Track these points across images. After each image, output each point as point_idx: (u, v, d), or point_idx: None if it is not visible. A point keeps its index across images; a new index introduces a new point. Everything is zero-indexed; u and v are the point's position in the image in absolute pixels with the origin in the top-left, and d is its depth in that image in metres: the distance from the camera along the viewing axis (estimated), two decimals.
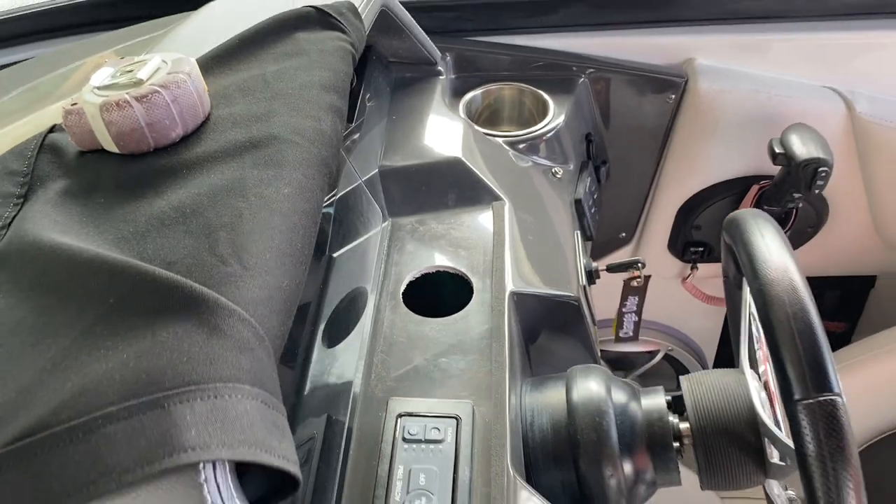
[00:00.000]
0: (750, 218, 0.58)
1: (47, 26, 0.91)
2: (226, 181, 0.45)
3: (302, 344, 0.58)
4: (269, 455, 0.33)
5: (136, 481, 0.30)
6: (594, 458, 0.59)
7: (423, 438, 0.53)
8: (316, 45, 0.60)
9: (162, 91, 0.48)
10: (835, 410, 0.47)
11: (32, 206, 0.47)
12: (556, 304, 0.71)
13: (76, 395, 0.32)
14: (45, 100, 0.76)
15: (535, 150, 0.88)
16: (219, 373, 0.34)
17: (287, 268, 0.43)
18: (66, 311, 0.38)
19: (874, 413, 1.00)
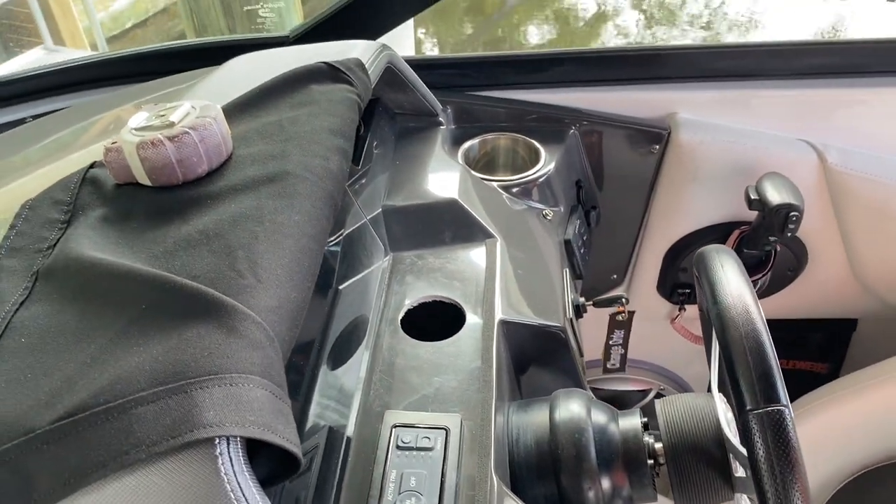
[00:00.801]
0: (713, 252, 0.65)
1: (82, 79, 1.00)
2: (245, 209, 0.52)
3: (308, 366, 0.64)
4: (275, 436, 0.39)
5: (162, 452, 0.36)
6: (574, 472, 0.64)
7: (414, 446, 0.58)
8: (326, 96, 0.67)
9: (191, 132, 0.55)
10: (782, 419, 0.52)
11: (75, 230, 0.54)
12: (543, 333, 0.76)
13: (112, 383, 0.39)
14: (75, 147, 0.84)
15: (528, 194, 0.95)
16: (234, 366, 0.40)
17: (295, 283, 0.49)
18: (104, 315, 0.45)
19: (857, 447, 1.04)
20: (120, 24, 4.28)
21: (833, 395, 1.05)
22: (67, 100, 0.98)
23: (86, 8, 3.62)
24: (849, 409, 1.04)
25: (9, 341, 0.44)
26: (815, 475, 1.08)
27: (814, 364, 1.33)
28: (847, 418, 1.04)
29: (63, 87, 0.98)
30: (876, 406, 1.03)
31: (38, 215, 0.56)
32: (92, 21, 3.64)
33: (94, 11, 3.72)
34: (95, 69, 0.99)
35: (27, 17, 3.43)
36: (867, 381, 1.03)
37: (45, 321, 0.46)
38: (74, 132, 0.87)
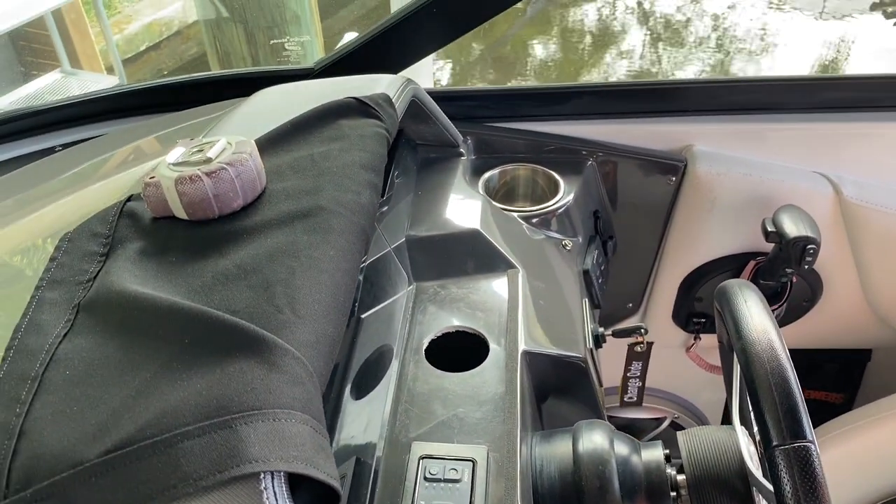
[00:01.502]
0: (736, 287, 0.66)
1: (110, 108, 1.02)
2: (281, 244, 0.54)
3: (332, 395, 0.65)
4: (317, 471, 0.40)
5: (209, 487, 0.37)
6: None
7: (442, 478, 0.59)
8: (356, 131, 0.69)
9: (228, 168, 0.57)
10: (808, 455, 0.53)
11: (114, 263, 0.55)
12: (565, 363, 0.77)
13: (158, 417, 0.40)
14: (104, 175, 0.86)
15: (547, 225, 0.97)
16: (277, 401, 0.42)
17: (331, 317, 0.50)
18: (147, 348, 0.46)
19: (873, 478, 1.04)
20: (135, 46, 4.34)
21: (848, 426, 1.05)
22: (95, 129, 1.00)
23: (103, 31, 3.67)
24: (864, 441, 1.04)
25: (53, 374, 0.46)
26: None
27: (828, 394, 1.33)
28: (863, 450, 1.04)
29: (91, 117, 1.00)
30: (892, 437, 1.03)
31: (77, 248, 0.58)
32: (109, 44, 3.69)
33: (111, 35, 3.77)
34: (123, 99, 1.01)
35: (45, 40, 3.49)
36: (882, 413, 1.04)
37: (88, 354, 0.47)
38: (103, 161, 0.89)
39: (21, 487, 0.39)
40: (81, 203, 0.72)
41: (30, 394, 0.44)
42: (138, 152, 0.90)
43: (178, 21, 4.51)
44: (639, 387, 0.98)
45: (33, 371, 0.46)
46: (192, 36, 4.53)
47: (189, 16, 4.47)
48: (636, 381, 0.97)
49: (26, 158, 0.98)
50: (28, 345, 0.48)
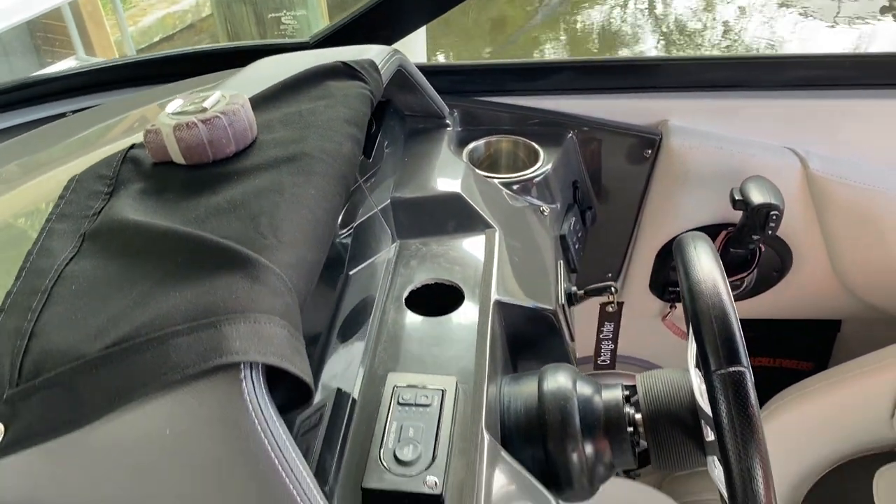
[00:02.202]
0: (689, 237, 0.71)
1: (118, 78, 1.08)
2: (267, 183, 0.59)
3: (320, 341, 0.70)
4: (292, 366, 0.46)
5: (195, 374, 0.43)
6: (559, 437, 0.70)
7: (413, 403, 0.65)
8: (342, 91, 0.75)
9: (221, 116, 0.63)
10: (742, 379, 0.58)
11: (117, 200, 0.61)
12: (536, 314, 0.83)
13: (152, 319, 0.46)
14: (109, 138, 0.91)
15: (527, 192, 1.02)
16: (258, 307, 0.47)
17: (310, 245, 0.56)
18: (144, 266, 0.52)
19: (830, 441, 1.10)
20: (148, 37, 4.41)
21: (808, 388, 1.10)
22: (104, 97, 1.06)
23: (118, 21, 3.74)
24: (824, 403, 1.10)
25: (61, 288, 0.52)
26: (796, 466, 1.13)
27: (799, 363, 1.38)
28: (823, 412, 1.10)
29: (101, 86, 1.06)
30: (854, 399, 1.09)
31: (84, 188, 0.64)
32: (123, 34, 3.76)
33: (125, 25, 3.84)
34: (130, 69, 1.07)
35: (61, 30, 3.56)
36: (843, 376, 1.09)
37: (92, 273, 0.53)
38: (109, 126, 0.95)
39: (31, 377, 0.45)
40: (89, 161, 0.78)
41: (39, 304, 0.50)
42: (140, 119, 0.95)
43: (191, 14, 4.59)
44: (612, 349, 1.03)
45: (43, 286, 0.52)
46: (205, 29, 4.60)
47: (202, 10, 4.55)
48: (609, 344, 1.02)
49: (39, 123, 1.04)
50: (39, 266, 0.54)
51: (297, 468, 0.45)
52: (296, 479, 0.45)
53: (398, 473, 0.58)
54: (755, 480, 0.57)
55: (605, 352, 1.03)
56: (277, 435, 0.45)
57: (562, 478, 0.71)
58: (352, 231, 0.82)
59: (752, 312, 1.30)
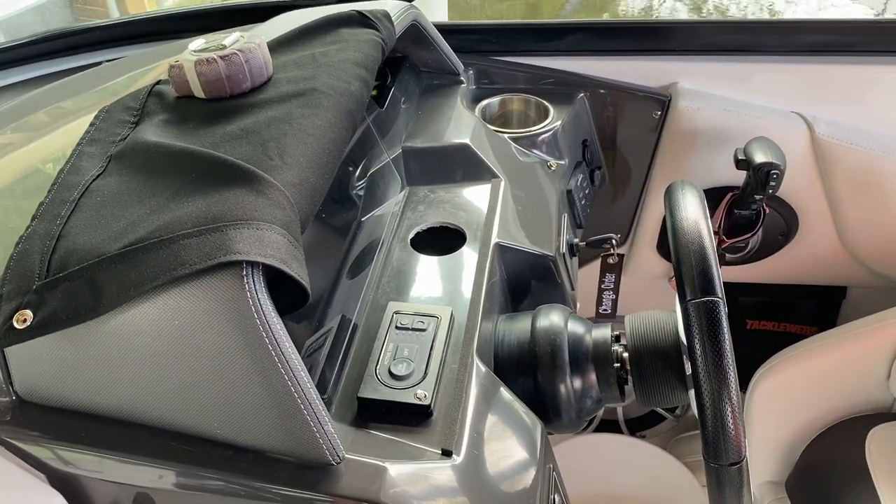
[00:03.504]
0: (678, 183, 0.74)
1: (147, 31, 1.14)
2: (279, 114, 0.64)
3: (329, 278, 0.75)
4: (289, 269, 0.51)
5: (202, 270, 0.48)
6: (549, 370, 0.74)
7: (410, 327, 0.69)
8: (354, 36, 0.79)
9: (239, 53, 0.67)
10: (715, 308, 0.62)
11: (142, 127, 0.66)
12: (535, 259, 0.87)
13: (166, 224, 0.51)
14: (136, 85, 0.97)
15: (536, 147, 1.06)
16: (261, 216, 0.52)
17: (314, 170, 0.61)
18: (161, 181, 0.57)
19: (830, 399, 1.12)
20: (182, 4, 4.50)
21: (814, 345, 1.13)
22: (133, 48, 1.12)
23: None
24: (829, 360, 1.12)
25: (87, 200, 0.57)
26: (793, 424, 1.16)
27: (804, 328, 1.40)
28: (827, 369, 1.12)
29: (131, 38, 1.12)
30: (851, 360, 1.11)
31: (112, 117, 0.69)
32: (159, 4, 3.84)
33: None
34: (158, 23, 1.13)
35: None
36: (842, 336, 1.11)
37: (115, 187, 0.58)
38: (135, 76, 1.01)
39: (58, 271, 0.51)
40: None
41: (67, 212, 0.56)
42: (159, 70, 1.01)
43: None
44: (613, 299, 1.06)
45: (71, 197, 0.57)
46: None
47: None
48: (610, 294, 1.05)
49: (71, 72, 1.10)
50: (69, 181, 0.60)
51: (290, 359, 0.50)
52: (289, 369, 0.50)
53: (391, 386, 0.63)
54: (723, 401, 0.60)
55: (607, 301, 1.06)
56: (274, 328, 0.49)
57: (550, 408, 0.75)
58: (365, 181, 0.86)
59: (757, 277, 1.32)
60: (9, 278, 0.51)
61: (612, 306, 1.07)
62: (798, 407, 1.14)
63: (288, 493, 0.52)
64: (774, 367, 1.15)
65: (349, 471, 0.53)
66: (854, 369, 1.11)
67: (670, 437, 1.56)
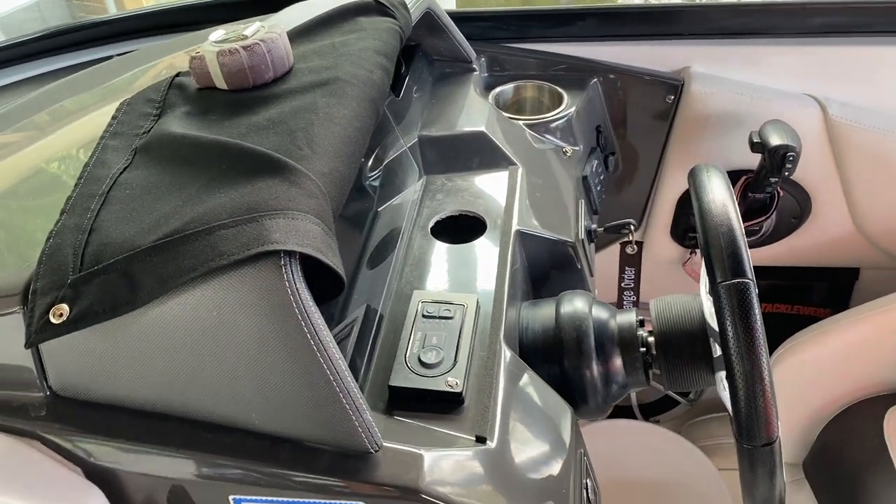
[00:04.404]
0: (702, 166, 0.74)
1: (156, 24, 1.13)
2: (304, 104, 0.64)
3: (350, 267, 0.75)
4: (326, 258, 0.51)
5: (240, 260, 0.48)
6: (575, 355, 0.74)
7: (437, 315, 0.69)
8: (373, 25, 0.79)
9: (261, 43, 0.67)
10: (746, 289, 0.62)
11: (166, 119, 0.66)
12: (555, 245, 0.87)
13: (200, 216, 0.51)
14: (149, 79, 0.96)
15: (551, 133, 1.06)
16: (295, 205, 0.52)
17: (342, 159, 0.61)
18: (192, 172, 0.57)
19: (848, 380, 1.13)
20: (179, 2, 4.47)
21: (830, 326, 1.13)
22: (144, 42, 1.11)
23: None
24: (845, 341, 1.12)
25: (116, 192, 0.57)
26: (810, 404, 1.16)
27: (817, 310, 1.41)
28: (844, 349, 1.12)
29: (141, 31, 1.11)
30: (868, 341, 1.11)
31: (134, 110, 0.69)
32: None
33: None
34: (167, 16, 1.12)
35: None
36: (859, 317, 1.11)
37: (144, 179, 0.58)
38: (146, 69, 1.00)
39: (92, 265, 0.50)
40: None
41: (97, 205, 0.55)
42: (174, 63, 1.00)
43: None
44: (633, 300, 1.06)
45: (100, 190, 0.57)
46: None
47: None
48: (630, 294, 1.05)
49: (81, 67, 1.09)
50: (96, 174, 0.59)
51: (328, 347, 0.50)
52: (328, 357, 0.50)
53: (422, 374, 0.63)
54: (756, 382, 0.60)
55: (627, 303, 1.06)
56: (313, 317, 0.49)
57: (577, 394, 0.75)
58: (381, 170, 0.86)
59: (771, 259, 1.33)
60: (42, 273, 0.51)
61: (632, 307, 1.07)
62: (814, 389, 1.14)
63: (326, 482, 0.52)
64: (790, 350, 1.15)
65: (386, 459, 0.53)
66: (870, 350, 1.11)
67: (684, 421, 1.56)
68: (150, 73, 0.98)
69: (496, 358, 0.66)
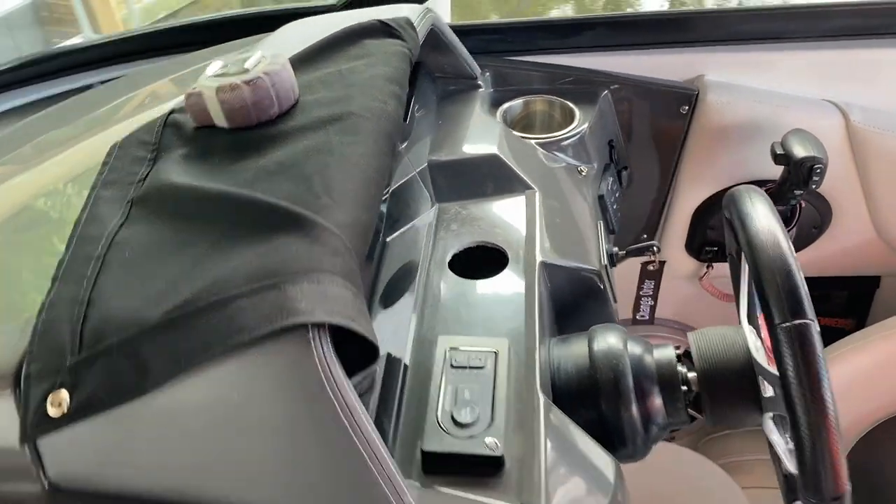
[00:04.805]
0: (743, 191, 0.69)
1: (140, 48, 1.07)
2: (316, 144, 0.58)
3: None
4: (359, 327, 0.45)
5: (262, 336, 0.42)
6: (613, 397, 0.69)
7: (467, 365, 0.64)
8: (381, 49, 0.73)
9: (264, 77, 0.61)
10: (807, 330, 0.57)
11: (162, 165, 0.60)
12: (580, 275, 0.82)
13: (213, 283, 0.45)
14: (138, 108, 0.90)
15: (563, 151, 1.00)
16: (321, 266, 0.46)
17: (364, 204, 0.55)
18: (198, 229, 0.51)
19: (875, 397, 1.08)
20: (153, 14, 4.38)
21: (856, 344, 1.09)
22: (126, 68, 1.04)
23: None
24: (870, 358, 1.08)
25: (114, 254, 0.51)
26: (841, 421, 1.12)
27: (838, 320, 1.37)
28: (869, 367, 1.08)
29: (122, 56, 1.04)
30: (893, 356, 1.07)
31: (126, 154, 0.62)
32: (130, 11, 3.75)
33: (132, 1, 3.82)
34: (152, 39, 1.05)
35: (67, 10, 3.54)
36: (883, 333, 1.07)
37: (144, 238, 0.52)
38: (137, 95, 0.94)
39: (93, 344, 0.44)
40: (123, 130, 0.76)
41: (94, 271, 0.49)
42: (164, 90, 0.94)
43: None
44: (651, 305, 1.02)
45: (96, 253, 0.51)
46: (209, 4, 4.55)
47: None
48: (648, 300, 1.01)
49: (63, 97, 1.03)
50: (89, 233, 0.53)
51: (366, 430, 0.44)
52: (365, 441, 0.44)
53: (457, 435, 0.57)
54: (822, 433, 0.56)
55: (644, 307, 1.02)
56: (347, 397, 0.44)
57: (616, 438, 0.70)
58: (388, 196, 0.80)
59: None
60: (36, 354, 0.45)
61: (650, 312, 1.03)
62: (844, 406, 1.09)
63: None
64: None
65: None
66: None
67: (699, 438, 1.52)
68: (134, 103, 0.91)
69: (536, 412, 0.61)
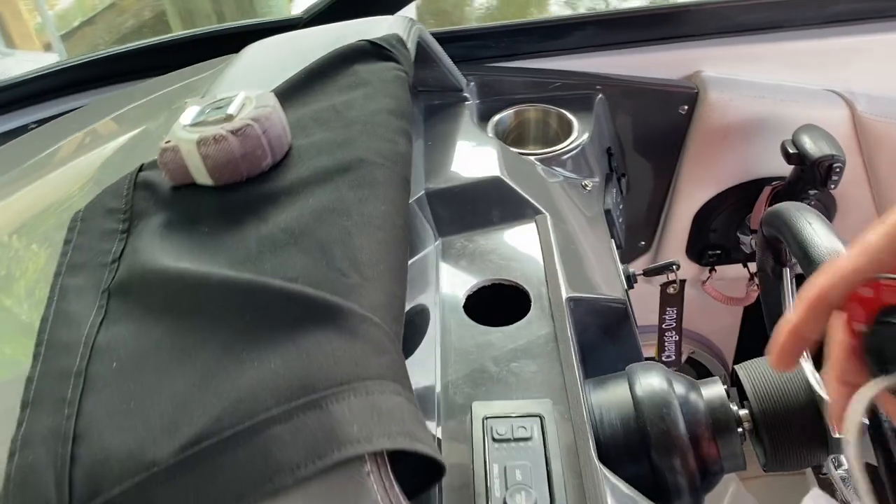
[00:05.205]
0: (794, 210, 0.63)
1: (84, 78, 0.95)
2: (327, 203, 0.48)
3: None
4: (422, 444, 0.36)
5: (311, 475, 0.33)
6: (665, 448, 0.62)
7: (511, 437, 0.55)
8: (376, 76, 0.63)
9: (254, 124, 0.51)
10: None
11: (139, 239, 0.49)
12: (607, 307, 0.74)
13: (234, 404, 0.35)
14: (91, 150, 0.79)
15: (563, 166, 0.92)
16: (366, 372, 0.37)
17: (396, 276, 0.46)
18: (201, 329, 0.41)
19: None
20: (68, 22, 4.16)
21: None
22: (71, 102, 0.92)
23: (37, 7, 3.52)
24: None
25: (98, 367, 0.40)
26: None
27: None
28: None
29: (65, 89, 0.92)
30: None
31: (92, 227, 0.52)
32: (45, 19, 3.54)
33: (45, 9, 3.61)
34: (98, 67, 0.93)
35: None
36: None
37: (133, 342, 0.41)
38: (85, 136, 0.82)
39: (89, 497, 0.34)
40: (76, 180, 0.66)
41: (76, 392, 0.39)
42: (123, 122, 0.83)
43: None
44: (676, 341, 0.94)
45: (74, 366, 0.40)
46: (127, 8, 4.34)
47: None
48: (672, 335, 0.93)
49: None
50: (61, 338, 0.43)
51: None
52: None
53: None
54: None
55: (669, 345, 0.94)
56: None
57: (671, 492, 0.63)
58: None
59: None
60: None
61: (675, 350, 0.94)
62: None
63: None
64: None
65: None
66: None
67: None
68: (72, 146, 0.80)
69: (597, 487, 0.53)
